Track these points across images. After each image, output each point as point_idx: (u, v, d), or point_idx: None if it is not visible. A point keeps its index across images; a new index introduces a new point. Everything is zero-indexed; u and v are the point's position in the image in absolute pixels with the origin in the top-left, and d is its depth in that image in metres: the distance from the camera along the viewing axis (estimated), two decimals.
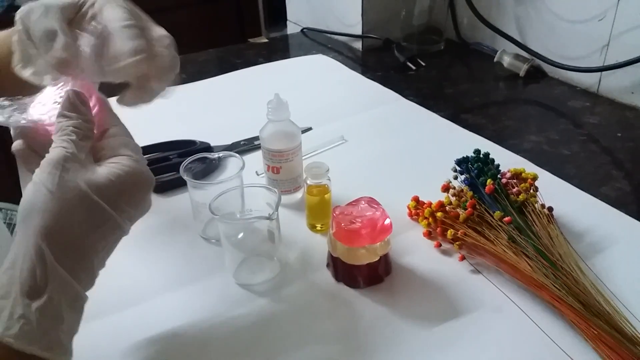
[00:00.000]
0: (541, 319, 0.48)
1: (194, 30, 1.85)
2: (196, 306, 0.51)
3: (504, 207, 0.55)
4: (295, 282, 0.54)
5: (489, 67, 1.03)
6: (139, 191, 0.40)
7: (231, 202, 0.55)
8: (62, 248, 0.35)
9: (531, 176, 0.59)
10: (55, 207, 0.35)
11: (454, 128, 0.81)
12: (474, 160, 0.61)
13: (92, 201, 0.36)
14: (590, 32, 0.89)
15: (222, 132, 0.79)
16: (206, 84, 0.99)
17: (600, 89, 0.91)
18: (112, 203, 0.37)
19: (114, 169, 0.39)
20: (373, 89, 0.96)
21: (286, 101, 0.61)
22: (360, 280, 0.52)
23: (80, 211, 0.36)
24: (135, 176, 0.39)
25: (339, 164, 0.67)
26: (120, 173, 0.38)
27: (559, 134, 0.80)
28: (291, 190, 0.64)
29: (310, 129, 0.82)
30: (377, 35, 1.12)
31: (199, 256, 0.58)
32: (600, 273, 0.52)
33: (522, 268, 0.50)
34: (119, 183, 0.38)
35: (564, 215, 0.60)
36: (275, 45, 1.23)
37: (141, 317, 0.50)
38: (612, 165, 0.72)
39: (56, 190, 0.35)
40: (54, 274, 0.35)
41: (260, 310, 0.51)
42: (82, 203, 0.36)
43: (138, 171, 0.40)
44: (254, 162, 0.69)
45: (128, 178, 0.39)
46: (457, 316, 0.49)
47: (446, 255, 0.56)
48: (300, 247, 0.58)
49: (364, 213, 0.52)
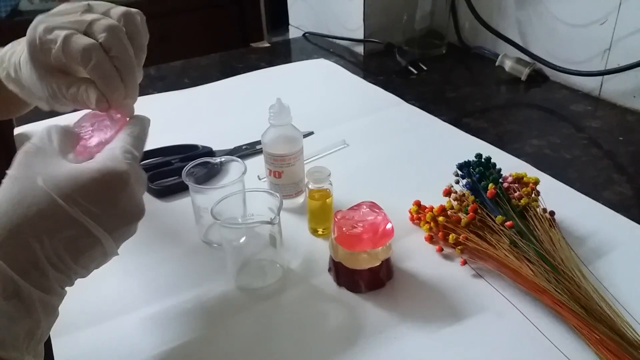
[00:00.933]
0: (543, 324, 0.48)
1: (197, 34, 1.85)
2: (198, 310, 0.51)
3: (505, 212, 0.55)
4: (297, 287, 0.54)
5: (491, 71, 1.03)
6: (108, 190, 0.37)
7: (233, 207, 0.55)
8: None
9: (533, 180, 0.59)
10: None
11: (455, 132, 0.81)
12: (475, 165, 0.61)
13: (44, 193, 0.35)
14: (591, 36, 0.89)
15: (224, 137, 0.80)
16: (208, 88, 1.00)
17: (601, 93, 0.91)
18: (69, 199, 0.35)
19: (81, 164, 0.37)
20: (375, 93, 0.96)
21: (288, 106, 0.61)
22: (361, 285, 0.52)
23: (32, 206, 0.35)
24: (99, 172, 0.37)
25: (341, 168, 0.67)
26: (83, 168, 0.37)
27: (561, 138, 0.80)
28: (293, 194, 0.64)
29: (312, 133, 0.82)
30: (379, 40, 1.12)
31: (200, 261, 0.58)
32: (602, 277, 0.52)
33: (524, 273, 0.50)
34: (81, 179, 0.36)
35: (565, 219, 0.60)
36: (277, 50, 1.23)
37: (143, 322, 0.50)
38: (613, 170, 0.72)
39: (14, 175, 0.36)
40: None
41: (262, 315, 0.51)
42: (35, 196, 0.35)
43: (109, 168, 0.37)
44: (256, 166, 0.70)
45: (94, 174, 0.36)
46: (458, 321, 0.49)
47: (448, 260, 0.56)
48: (302, 251, 0.58)
49: (366, 217, 0.52)
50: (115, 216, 0.38)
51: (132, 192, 0.38)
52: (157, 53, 1.77)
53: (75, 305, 0.40)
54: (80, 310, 0.50)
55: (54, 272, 0.36)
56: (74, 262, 0.36)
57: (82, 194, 0.36)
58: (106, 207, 0.37)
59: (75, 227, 0.36)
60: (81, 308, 0.50)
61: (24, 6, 1.61)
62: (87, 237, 0.36)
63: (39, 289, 0.35)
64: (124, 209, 0.38)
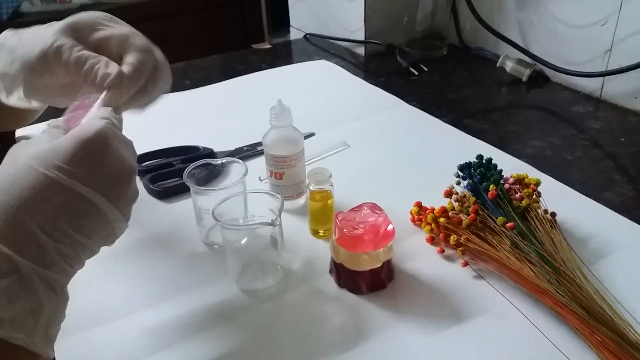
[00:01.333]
0: (544, 325, 0.48)
1: (198, 36, 1.86)
2: (199, 312, 0.51)
3: (506, 213, 0.55)
4: (298, 288, 0.54)
5: (492, 72, 1.03)
6: (88, 150, 0.37)
7: (234, 208, 0.55)
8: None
9: (534, 181, 0.59)
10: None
11: (456, 133, 0.81)
12: (476, 166, 0.61)
13: (25, 166, 0.35)
14: (592, 37, 0.89)
15: (226, 138, 0.80)
16: (209, 90, 1.00)
17: (603, 94, 0.91)
18: (51, 166, 0.35)
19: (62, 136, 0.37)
20: (376, 95, 0.96)
21: (289, 107, 0.61)
22: (363, 286, 0.52)
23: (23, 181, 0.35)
24: (76, 136, 0.37)
25: (342, 169, 0.67)
26: (62, 138, 0.37)
27: (562, 139, 0.80)
28: (294, 195, 0.64)
29: (313, 134, 0.82)
30: (380, 41, 1.12)
31: (202, 262, 0.58)
32: (604, 279, 0.52)
33: (525, 274, 0.50)
34: (61, 147, 0.36)
35: (567, 220, 0.60)
36: (278, 51, 1.23)
37: (144, 323, 0.50)
38: (615, 171, 0.72)
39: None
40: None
41: (263, 316, 0.51)
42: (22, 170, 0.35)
43: (85, 129, 0.37)
44: (257, 167, 0.70)
45: (71, 139, 0.36)
46: (460, 322, 0.49)
47: (449, 261, 0.56)
48: (303, 252, 0.58)
49: (367, 219, 0.52)
50: (103, 176, 0.37)
51: (116, 152, 0.38)
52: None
53: (77, 307, 0.40)
54: (82, 311, 0.50)
55: (52, 242, 0.35)
56: (73, 230, 0.36)
57: (63, 159, 0.36)
58: (91, 168, 0.36)
59: (64, 193, 0.35)
60: (83, 309, 0.50)
61: (25, 8, 1.62)
62: (80, 201, 0.36)
63: (38, 265, 0.34)
64: (110, 168, 0.38)
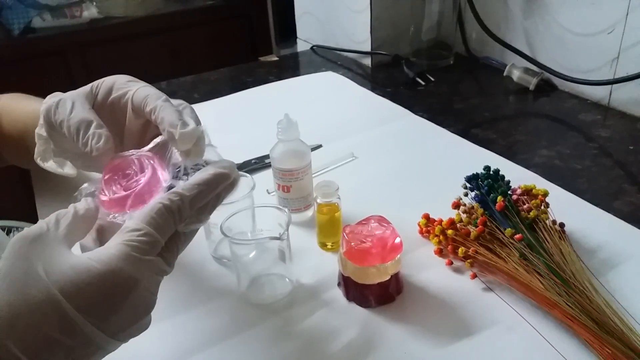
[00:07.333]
0: (554, 338, 0.47)
1: (206, 48, 1.87)
2: (207, 326, 0.51)
3: (514, 224, 0.55)
4: (307, 302, 0.54)
5: (499, 82, 1.03)
6: (107, 296, 0.33)
7: (242, 222, 0.55)
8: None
9: (542, 192, 0.59)
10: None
11: (464, 143, 0.81)
12: (484, 177, 0.61)
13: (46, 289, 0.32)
14: (599, 45, 0.88)
15: (233, 151, 0.79)
16: (218, 103, 1.01)
17: (611, 101, 0.90)
18: (76, 308, 0.32)
19: (86, 258, 0.33)
20: (383, 105, 0.96)
21: (296, 121, 0.61)
22: (371, 300, 0.52)
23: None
24: (103, 275, 0.33)
25: (349, 181, 0.68)
26: (83, 267, 0.33)
27: (570, 148, 0.79)
28: (302, 208, 0.65)
29: (320, 146, 0.82)
30: (386, 52, 1.13)
31: (210, 276, 0.58)
32: (614, 290, 0.51)
33: (534, 286, 0.49)
34: (81, 281, 0.32)
35: (576, 231, 0.59)
36: (285, 63, 1.24)
37: (152, 337, 0.50)
38: (624, 179, 0.72)
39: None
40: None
41: (272, 330, 0.51)
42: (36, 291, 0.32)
43: (115, 268, 0.33)
44: (265, 180, 0.70)
45: (93, 279, 0.33)
46: (469, 335, 0.49)
47: (458, 273, 0.56)
48: (311, 265, 0.58)
49: (374, 232, 0.52)
50: (120, 321, 0.34)
51: (139, 295, 0.35)
52: (168, 68, 1.78)
53: None
54: None
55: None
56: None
57: (86, 302, 0.32)
58: (105, 314, 0.33)
59: (75, 338, 0.32)
60: None
61: (37, 23, 1.64)
62: (87, 347, 0.33)
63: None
64: (126, 313, 0.34)
